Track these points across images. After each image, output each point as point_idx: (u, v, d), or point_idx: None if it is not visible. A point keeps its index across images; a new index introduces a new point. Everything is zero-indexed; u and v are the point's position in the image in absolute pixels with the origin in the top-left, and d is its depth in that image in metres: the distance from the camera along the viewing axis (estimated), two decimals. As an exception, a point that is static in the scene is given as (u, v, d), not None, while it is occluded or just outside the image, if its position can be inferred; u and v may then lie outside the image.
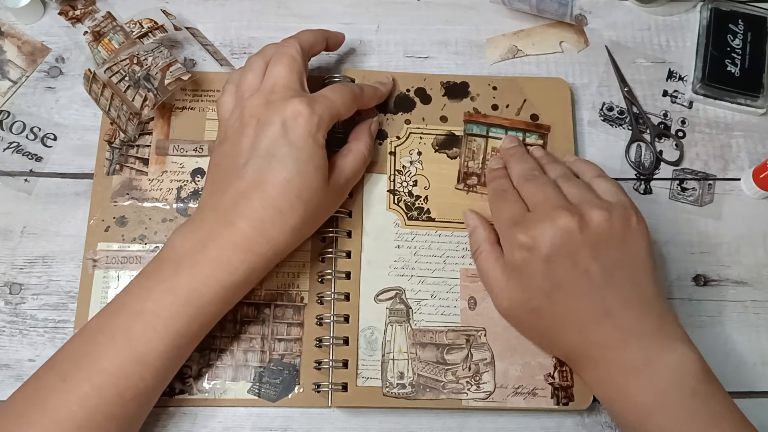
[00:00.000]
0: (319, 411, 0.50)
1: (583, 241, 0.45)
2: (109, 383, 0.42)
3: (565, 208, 0.45)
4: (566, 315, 0.45)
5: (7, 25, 0.59)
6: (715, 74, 0.59)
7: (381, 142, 0.55)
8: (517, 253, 0.46)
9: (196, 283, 0.44)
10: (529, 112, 0.56)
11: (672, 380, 0.43)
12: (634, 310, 0.45)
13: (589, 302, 0.45)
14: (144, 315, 0.43)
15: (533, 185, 0.48)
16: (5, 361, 0.50)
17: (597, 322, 0.45)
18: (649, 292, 0.46)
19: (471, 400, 0.49)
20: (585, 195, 0.47)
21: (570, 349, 0.47)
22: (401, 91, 0.57)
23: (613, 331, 0.44)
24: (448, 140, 0.56)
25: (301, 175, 0.45)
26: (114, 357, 0.43)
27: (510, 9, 0.61)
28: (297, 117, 0.46)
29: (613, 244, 0.45)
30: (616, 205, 0.46)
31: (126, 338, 0.43)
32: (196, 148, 0.55)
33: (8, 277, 0.52)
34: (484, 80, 0.57)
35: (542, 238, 0.45)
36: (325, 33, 0.54)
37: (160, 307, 0.43)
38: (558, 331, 0.46)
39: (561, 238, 0.45)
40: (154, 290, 0.44)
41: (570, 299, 0.45)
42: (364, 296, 0.51)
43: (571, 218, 0.45)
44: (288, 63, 0.49)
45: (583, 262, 0.45)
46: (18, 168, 0.55)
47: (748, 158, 0.58)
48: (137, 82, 0.54)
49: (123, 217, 0.53)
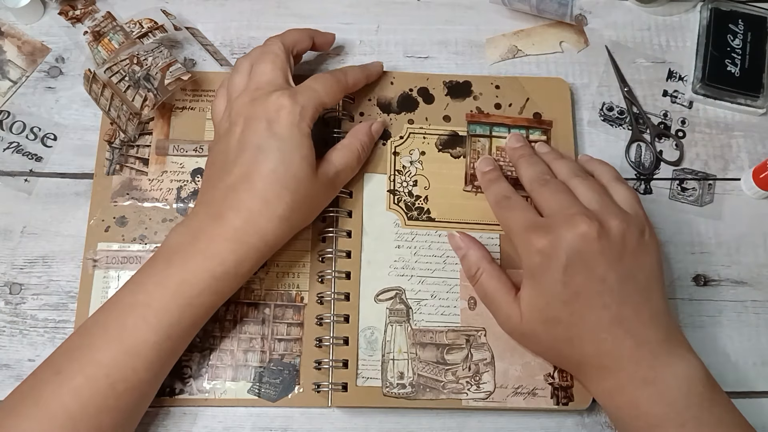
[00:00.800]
0: (319, 411, 0.50)
1: (602, 249, 0.44)
2: (101, 374, 0.42)
3: (584, 214, 0.45)
4: (582, 324, 0.45)
5: (7, 25, 0.59)
6: (715, 74, 0.59)
7: (384, 143, 0.55)
8: (536, 258, 0.45)
9: (186, 273, 0.45)
10: (532, 111, 0.56)
11: (681, 390, 0.43)
12: (645, 320, 0.45)
13: (605, 312, 0.44)
14: (136, 307, 0.44)
15: (547, 191, 0.48)
16: (5, 361, 0.50)
17: (611, 331, 0.44)
18: (659, 303, 0.46)
19: (471, 400, 0.49)
20: (603, 201, 0.46)
21: (582, 361, 0.46)
22: (404, 90, 0.57)
23: (627, 341, 0.44)
24: (452, 140, 0.56)
25: (286, 165, 0.46)
26: (106, 349, 0.43)
27: (510, 9, 0.61)
28: (280, 110, 0.47)
29: (628, 254, 0.45)
30: (634, 217, 0.46)
31: (118, 330, 0.44)
32: (196, 148, 0.55)
33: (8, 277, 0.52)
34: (486, 79, 0.57)
35: (561, 243, 0.44)
36: (311, 32, 0.55)
37: (151, 298, 0.44)
38: (571, 342, 0.46)
39: (580, 245, 0.44)
40: (146, 283, 0.45)
41: (586, 308, 0.44)
42: (364, 296, 0.51)
43: (590, 225, 0.44)
44: (271, 60, 0.50)
45: (601, 271, 0.44)
46: (18, 168, 0.55)
47: (748, 158, 0.58)
48: (137, 82, 0.54)
49: (123, 217, 0.53)
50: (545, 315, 0.46)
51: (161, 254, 0.46)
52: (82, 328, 0.45)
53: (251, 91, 0.49)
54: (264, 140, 0.47)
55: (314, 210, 0.50)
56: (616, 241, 0.45)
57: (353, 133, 0.53)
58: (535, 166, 0.51)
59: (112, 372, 0.43)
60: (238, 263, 0.46)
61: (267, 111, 0.47)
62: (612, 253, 0.44)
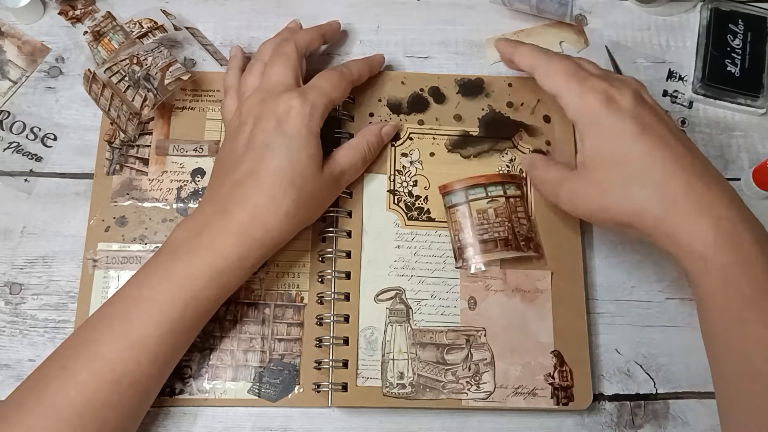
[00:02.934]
0: (319, 411, 0.50)
1: (651, 101, 0.48)
2: (106, 369, 0.42)
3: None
4: (653, 157, 0.45)
5: (7, 25, 0.59)
6: (715, 74, 0.59)
7: (394, 144, 0.55)
8: (594, 100, 0.46)
9: (190, 267, 0.45)
10: (542, 113, 0.56)
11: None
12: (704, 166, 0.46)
13: (670, 151, 0.45)
14: (140, 301, 0.44)
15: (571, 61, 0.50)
16: (5, 361, 0.50)
17: (681, 165, 0.44)
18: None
19: (471, 401, 0.49)
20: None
21: (650, 198, 0.44)
22: (415, 90, 0.57)
23: (695, 180, 0.44)
24: (462, 140, 0.55)
25: (293, 163, 0.47)
26: (111, 343, 0.43)
27: (510, 9, 0.61)
28: (290, 110, 0.48)
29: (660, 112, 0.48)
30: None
31: (123, 325, 0.44)
32: (196, 148, 0.55)
33: (8, 277, 0.52)
34: (499, 77, 0.57)
35: (623, 86, 0.47)
36: (320, 29, 0.56)
37: (155, 292, 0.44)
38: (639, 178, 0.45)
39: (639, 89, 0.48)
40: (151, 277, 0.45)
41: (655, 142, 0.45)
42: (364, 296, 0.51)
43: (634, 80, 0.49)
44: (283, 62, 0.51)
45: (660, 111, 0.47)
46: (18, 168, 0.55)
47: (748, 158, 0.58)
48: (137, 82, 0.54)
49: (123, 217, 0.53)
50: (614, 154, 0.46)
51: (166, 249, 0.47)
52: (88, 323, 0.45)
53: (262, 91, 0.50)
54: (272, 139, 0.47)
55: (319, 208, 0.51)
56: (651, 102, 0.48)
57: (362, 134, 0.53)
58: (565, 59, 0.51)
59: (117, 366, 0.43)
60: (242, 258, 0.46)
61: (276, 111, 0.48)
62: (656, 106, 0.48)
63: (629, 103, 0.46)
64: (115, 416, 0.43)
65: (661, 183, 0.44)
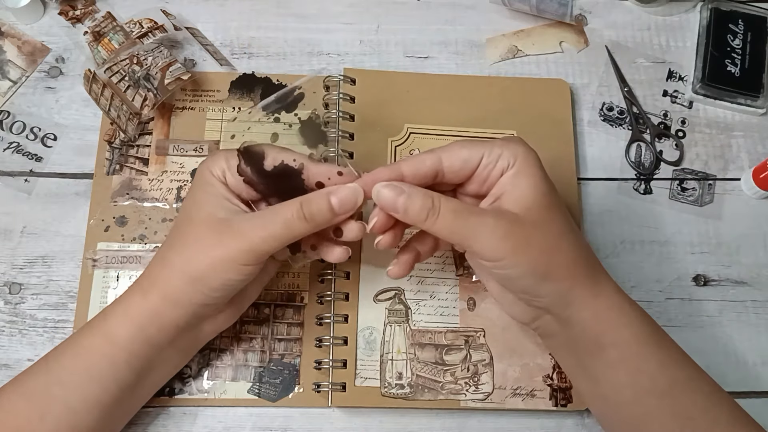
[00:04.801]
0: (319, 411, 0.50)
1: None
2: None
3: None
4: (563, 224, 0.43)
5: (7, 25, 0.59)
6: (715, 74, 0.59)
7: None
8: (511, 156, 0.42)
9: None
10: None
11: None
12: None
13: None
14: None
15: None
16: (5, 360, 0.50)
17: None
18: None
19: (469, 401, 0.49)
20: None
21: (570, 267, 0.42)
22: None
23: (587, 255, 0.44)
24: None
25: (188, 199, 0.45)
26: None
27: (510, 9, 0.61)
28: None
29: None
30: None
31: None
32: (196, 148, 0.55)
33: (8, 277, 0.52)
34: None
35: (519, 142, 0.43)
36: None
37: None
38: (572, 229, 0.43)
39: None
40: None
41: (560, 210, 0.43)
42: (364, 296, 0.51)
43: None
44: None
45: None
46: (18, 168, 0.55)
47: (748, 158, 0.58)
48: (137, 82, 0.54)
49: (123, 217, 0.53)
50: (548, 199, 0.42)
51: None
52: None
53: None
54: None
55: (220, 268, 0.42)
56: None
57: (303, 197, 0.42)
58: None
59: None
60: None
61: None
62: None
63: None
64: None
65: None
